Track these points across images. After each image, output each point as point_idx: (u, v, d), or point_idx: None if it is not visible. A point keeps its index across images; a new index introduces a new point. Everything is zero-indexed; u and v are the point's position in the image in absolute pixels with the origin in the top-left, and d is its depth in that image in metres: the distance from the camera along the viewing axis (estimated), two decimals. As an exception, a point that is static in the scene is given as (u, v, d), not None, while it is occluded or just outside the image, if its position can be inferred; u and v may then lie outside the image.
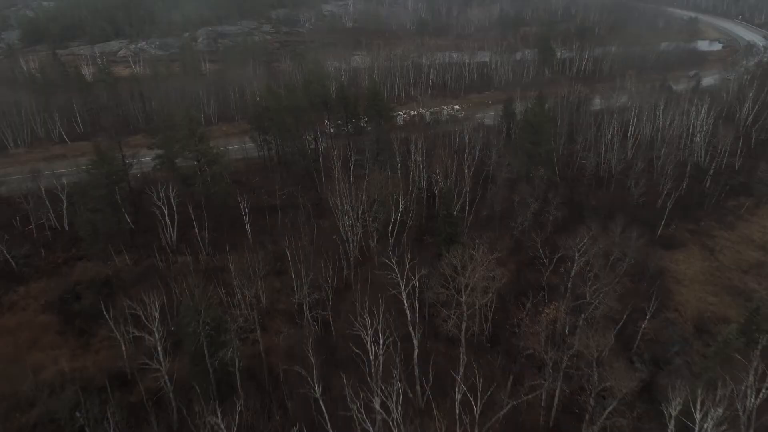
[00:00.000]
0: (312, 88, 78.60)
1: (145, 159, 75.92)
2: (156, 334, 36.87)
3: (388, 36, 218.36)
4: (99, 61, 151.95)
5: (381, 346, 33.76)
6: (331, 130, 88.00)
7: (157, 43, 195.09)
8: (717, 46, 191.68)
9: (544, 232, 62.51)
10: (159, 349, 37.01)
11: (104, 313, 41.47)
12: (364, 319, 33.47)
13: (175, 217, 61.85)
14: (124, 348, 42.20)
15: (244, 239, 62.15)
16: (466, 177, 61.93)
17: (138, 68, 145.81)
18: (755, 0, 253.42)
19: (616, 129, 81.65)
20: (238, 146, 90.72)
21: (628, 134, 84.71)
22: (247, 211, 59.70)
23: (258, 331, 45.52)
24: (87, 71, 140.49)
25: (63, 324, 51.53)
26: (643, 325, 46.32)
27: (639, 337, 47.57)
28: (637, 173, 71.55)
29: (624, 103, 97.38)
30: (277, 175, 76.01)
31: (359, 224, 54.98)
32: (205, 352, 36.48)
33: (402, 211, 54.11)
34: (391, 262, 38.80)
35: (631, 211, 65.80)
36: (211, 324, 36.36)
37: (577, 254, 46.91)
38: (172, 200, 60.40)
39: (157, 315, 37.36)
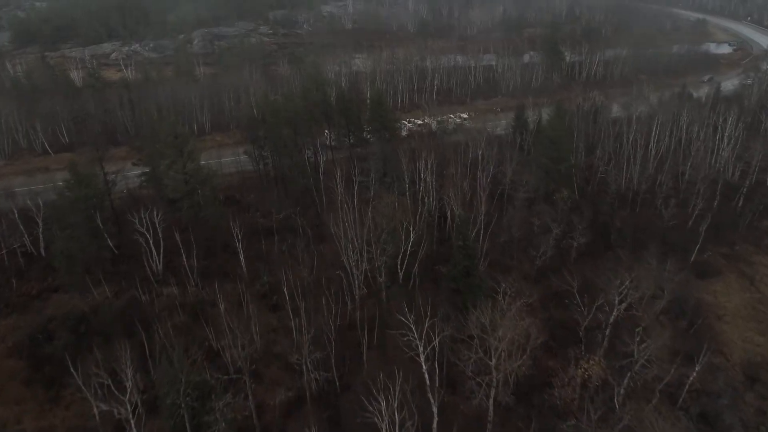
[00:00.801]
0: (311, 96, 72.58)
1: (132, 173, 70.32)
2: (128, 406, 31.00)
3: (388, 37, 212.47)
4: (89, 65, 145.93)
5: (397, 427, 28.01)
6: (332, 142, 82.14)
7: (152, 45, 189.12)
8: (727, 49, 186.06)
9: (567, 260, 56.87)
10: (132, 422, 31.11)
11: (72, 370, 35.50)
12: (379, 401, 27.71)
13: (161, 244, 55.95)
14: (95, 410, 36.29)
15: (237, 268, 56.35)
16: (482, 200, 56.09)
17: (130, 72, 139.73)
18: (763, 1, 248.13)
19: (638, 141, 75.96)
20: (231, 158, 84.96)
21: (649, 146, 78.82)
22: (240, 238, 53.83)
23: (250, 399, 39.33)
24: (76, 75, 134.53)
25: (31, 371, 45.63)
26: (692, 377, 40.55)
27: (686, 389, 41.82)
28: (664, 191, 65.84)
29: (642, 111, 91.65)
30: (273, 192, 70.24)
31: (365, 255, 49.06)
32: (187, 426, 30.65)
33: (413, 241, 48.27)
34: (407, 319, 33.01)
35: (661, 234, 60.08)
36: (192, 394, 30.56)
37: (617, 298, 41.08)
38: (157, 225, 54.51)
39: (129, 385, 31.44)
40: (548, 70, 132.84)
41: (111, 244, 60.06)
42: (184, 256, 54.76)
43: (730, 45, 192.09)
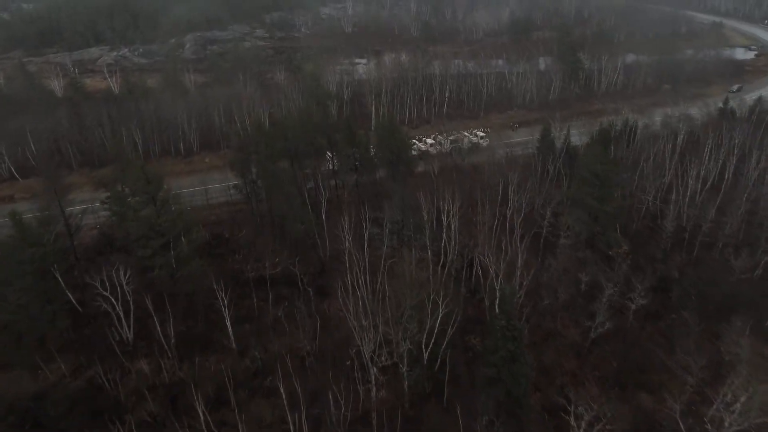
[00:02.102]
0: (310, 120, 61.88)
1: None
2: None
3: (391, 41, 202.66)
4: (71, 72, 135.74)
5: None
6: (335, 167, 72.14)
7: (141, 50, 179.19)
8: (748, 54, 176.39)
9: (623, 326, 47.04)
10: None
11: None
12: None
13: (131, 309, 45.98)
14: None
15: (224, 338, 46.37)
16: (517, 251, 46.19)
17: (115, 81, 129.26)
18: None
19: (686, 166, 66.13)
20: (220, 185, 75.21)
21: (699, 173, 68.89)
22: (226, 303, 43.84)
23: None
24: (57, 84, 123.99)
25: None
26: None
27: None
28: (728, 234, 56.11)
29: (683, 128, 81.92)
30: (267, 233, 60.32)
31: (380, 335, 39.17)
32: None
33: (441, 316, 38.32)
34: None
35: (731, 290, 50.20)
36: None
37: (728, 418, 31.19)
38: (125, 287, 44.55)
39: None
40: (566, 79, 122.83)
41: (73, 300, 50.05)
42: (157, 324, 44.77)
43: (750, 49, 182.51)
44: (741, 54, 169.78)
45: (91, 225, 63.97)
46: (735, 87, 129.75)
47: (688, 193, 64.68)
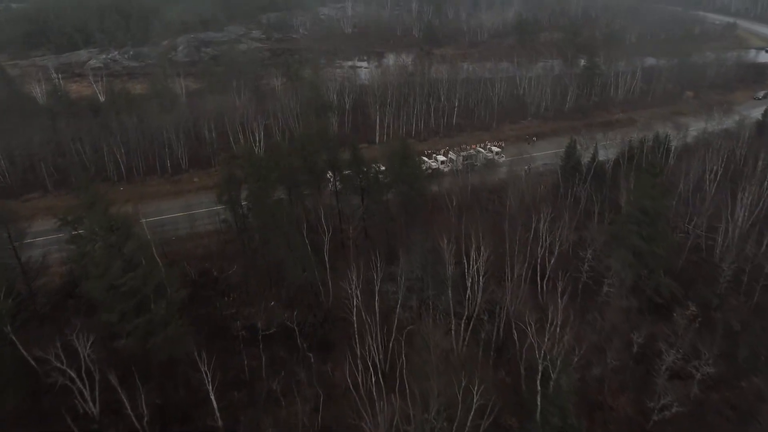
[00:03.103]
0: (310, 148, 53.44)
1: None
2: None
3: (392, 43, 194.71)
4: (54, 77, 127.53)
5: None
6: (337, 187, 64.18)
7: (132, 52, 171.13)
8: (765, 57, 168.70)
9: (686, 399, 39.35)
10: None
11: None
12: None
13: (96, 380, 38.23)
14: None
15: (207, 415, 38.63)
16: (558, 313, 38.36)
17: (101, 87, 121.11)
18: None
19: (739, 195, 58.54)
20: (209, 210, 67.17)
21: (745, 198, 61.10)
22: (210, 377, 36.09)
23: None
24: (40, 90, 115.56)
25: None
26: None
27: None
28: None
29: (719, 143, 74.27)
30: (262, 275, 52.47)
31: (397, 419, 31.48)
32: None
33: (475, 408, 30.63)
34: None
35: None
36: None
37: None
38: (86, 359, 36.74)
39: None
40: (581, 86, 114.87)
41: (32, 361, 42.17)
42: (126, 400, 36.98)
43: (766, 51, 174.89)
44: (759, 56, 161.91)
45: (62, 259, 56.25)
46: (761, 94, 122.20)
47: (739, 222, 57.18)
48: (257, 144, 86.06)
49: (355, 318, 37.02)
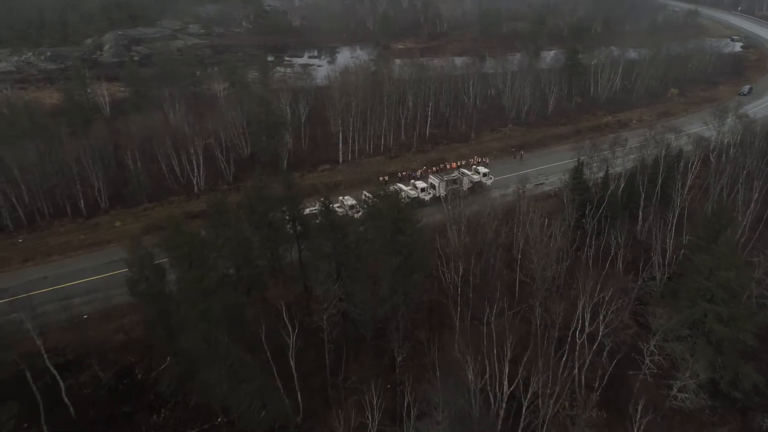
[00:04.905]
0: (262, 211, 38.16)
1: None
2: None
3: (346, 37, 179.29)
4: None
5: None
6: (301, 256, 49.00)
7: (49, 53, 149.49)
8: (734, 46, 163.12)
9: None
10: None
11: None
12: None
13: None
14: None
15: None
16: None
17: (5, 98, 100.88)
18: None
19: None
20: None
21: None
22: None
23: None
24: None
25: None
26: None
27: None
28: None
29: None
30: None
31: None
32: None
33: None
34: None
35: None
36: None
37: None
38: None
39: None
40: (562, 85, 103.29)
41: None
42: None
43: (732, 40, 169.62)
44: (729, 47, 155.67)
45: None
46: (746, 89, 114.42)
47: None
48: (195, 175, 70.64)
49: None
